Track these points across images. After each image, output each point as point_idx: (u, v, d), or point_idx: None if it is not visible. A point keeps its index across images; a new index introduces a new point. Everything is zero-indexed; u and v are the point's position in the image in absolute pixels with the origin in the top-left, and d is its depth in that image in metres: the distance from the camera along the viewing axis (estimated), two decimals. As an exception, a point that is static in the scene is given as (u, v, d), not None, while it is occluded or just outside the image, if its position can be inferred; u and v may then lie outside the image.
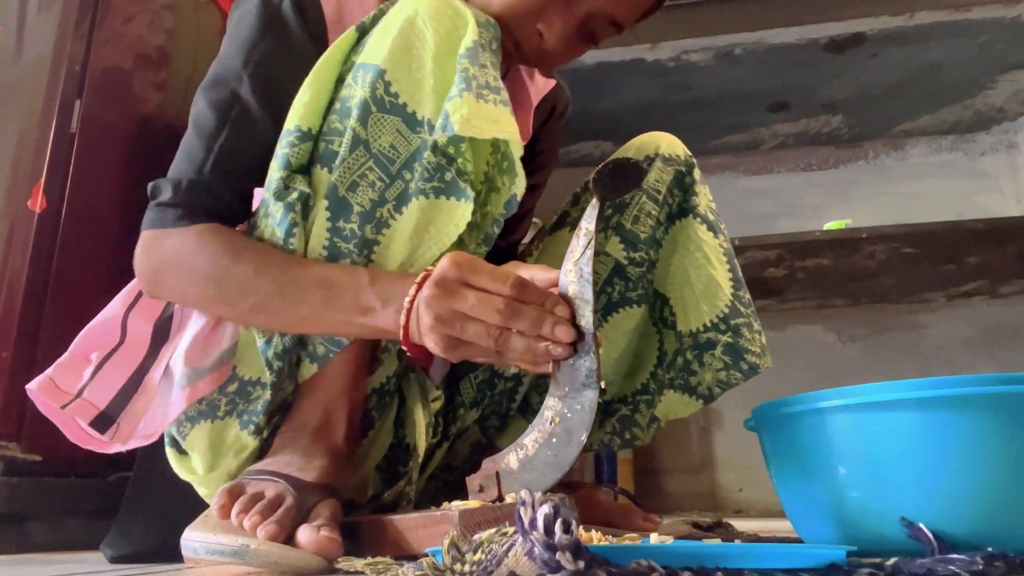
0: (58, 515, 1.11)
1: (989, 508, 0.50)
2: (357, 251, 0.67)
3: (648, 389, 0.91)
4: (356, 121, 0.66)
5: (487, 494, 0.62)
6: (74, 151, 1.18)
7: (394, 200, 0.67)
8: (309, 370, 0.71)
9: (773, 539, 0.75)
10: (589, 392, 0.58)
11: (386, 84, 0.65)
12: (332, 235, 0.67)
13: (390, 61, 0.65)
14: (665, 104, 1.70)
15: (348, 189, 0.67)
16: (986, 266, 1.56)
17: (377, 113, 0.65)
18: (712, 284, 0.85)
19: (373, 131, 0.66)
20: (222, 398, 0.72)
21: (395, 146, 0.66)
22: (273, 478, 0.63)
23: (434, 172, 0.65)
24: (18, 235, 1.11)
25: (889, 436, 0.53)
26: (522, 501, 0.39)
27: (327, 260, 0.68)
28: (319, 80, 0.68)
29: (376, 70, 0.65)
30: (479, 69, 0.63)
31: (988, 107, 1.77)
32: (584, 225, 0.62)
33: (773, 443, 0.65)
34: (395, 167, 0.66)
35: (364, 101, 0.65)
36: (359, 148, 0.66)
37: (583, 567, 0.36)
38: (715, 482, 1.84)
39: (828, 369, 1.81)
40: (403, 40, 0.65)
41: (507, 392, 0.92)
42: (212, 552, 0.56)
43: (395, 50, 0.65)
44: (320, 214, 0.67)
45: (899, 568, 0.45)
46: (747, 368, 0.85)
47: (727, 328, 0.84)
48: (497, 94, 0.64)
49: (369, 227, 0.67)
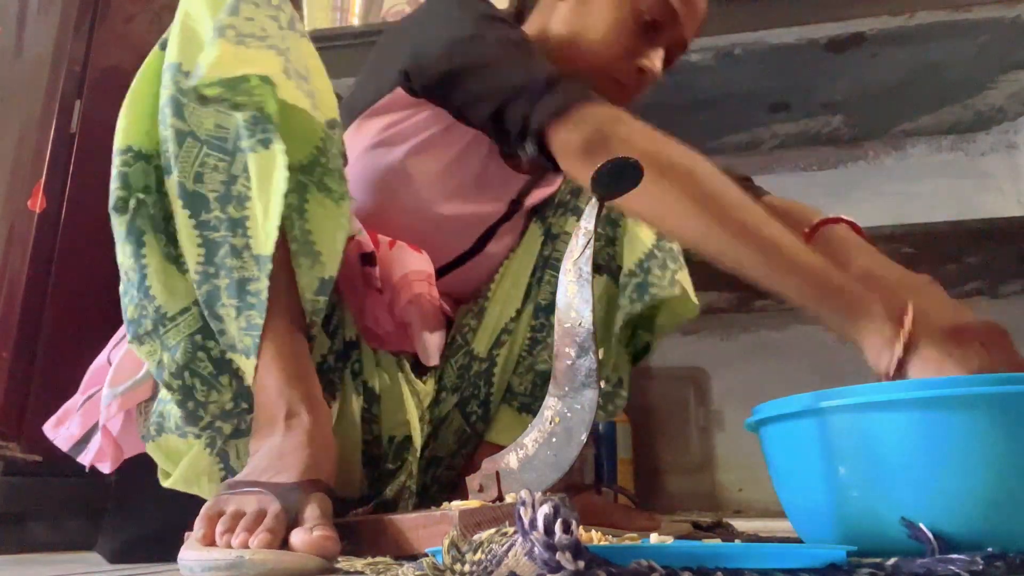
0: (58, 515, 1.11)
1: (989, 508, 0.50)
2: (231, 234, 0.68)
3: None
4: (173, 118, 0.67)
5: (487, 494, 0.62)
6: (74, 151, 1.18)
7: (242, 172, 0.67)
8: (248, 365, 0.69)
9: (773, 539, 0.75)
10: (589, 392, 0.58)
11: (185, 73, 0.66)
12: (200, 230, 0.68)
13: (180, 52, 0.67)
14: (665, 104, 1.69)
15: (195, 181, 0.68)
16: (986, 266, 1.56)
17: (187, 103, 0.67)
18: (635, 238, 0.93)
19: (193, 120, 0.67)
20: (150, 420, 0.76)
21: (220, 124, 0.67)
22: (251, 488, 0.61)
23: (252, 127, 0.66)
24: (18, 235, 1.11)
25: (889, 436, 0.53)
26: (522, 501, 0.39)
27: (204, 257, 0.68)
28: (131, 101, 0.71)
29: (172, 66, 0.67)
30: (239, 19, 0.64)
31: (988, 107, 1.77)
32: (583, 225, 0.62)
33: (773, 443, 0.65)
34: (229, 143, 0.67)
35: (172, 97, 0.67)
36: (187, 140, 0.67)
37: (583, 567, 0.36)
38: (715, 482, 1.84)
39: (828, 369, 1.80)
40: (183, 28, 0.68)
41: (483, 374, 0.94)
42: (208, 568, 0.55)
43: (180, 40, 0.68)
44: (180, 215, 0.68)
45: (899, 568, 0.45)
46: (648, 299, 0.90)
47: (641, 271, 0.92)
48: (263, 41, 0.65)
49: (231, 207, 0.68)
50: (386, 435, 0.82)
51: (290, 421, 0.67)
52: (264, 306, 0.67)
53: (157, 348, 0.70)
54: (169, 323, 0.70)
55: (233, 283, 0.68)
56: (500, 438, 0.96)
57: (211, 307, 0.69)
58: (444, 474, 0.96)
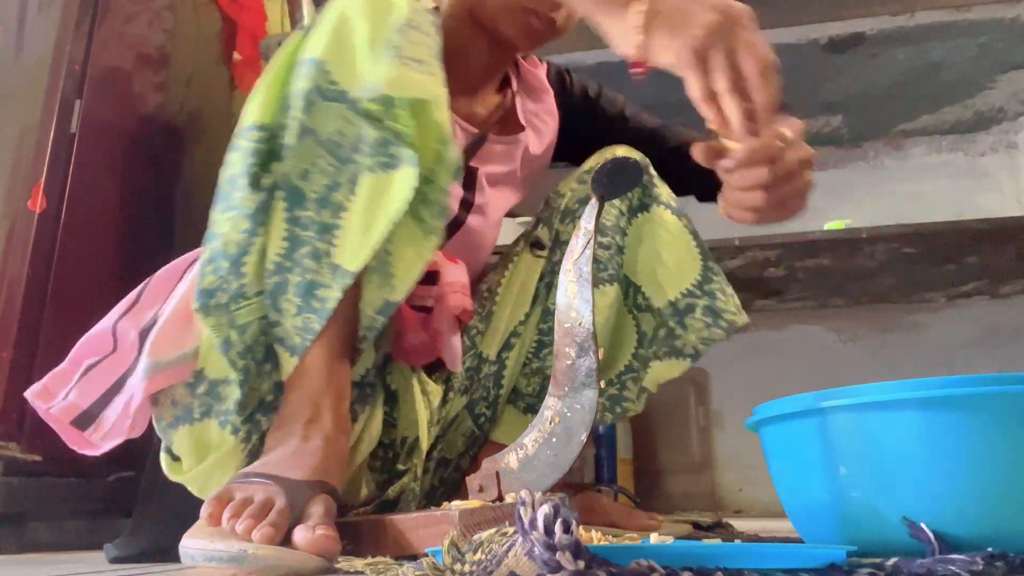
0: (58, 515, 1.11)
1: (990, 508, 0.50)
2: (318, 237, 0.68)
3: (632, 368, 0.98)
4: (301, 112, 0.67)
5: (487, 494, 0.62)
6: (74, 151, 1.18)
7: (348, 183, 0.68)
8: (289, 363, 0.71)
9: (773, 539, 0.75)
10: (589, 392, 0.58)
11: (325, 73, 0.67)
12: (290, 225, 0.68)
13: (326, 51, 0.67)
14: (665, 104, 1.69)
15: (300, 178, 0.68)
16: (986, 266, 1.56)
17: (320, 102, 0.67)
18: (683, 257, 0.95)
19: (318, 119, 0.67)
20: (194, 400, 0.73)
21: (341, 131, 0.67)
22: (262, 480, 0.63)
23: (379, 148, 0.66)
24: (18, 235, 1.11)
25: (890, 436, 0.53)
26: (522, 501, 0.39)
27: (286, 250, 0.69)
28: (269, 80, 0.70)
29: (315, 62, 0.67)
30: (408, 44, 0.66)
31: (988, 107, 1.77)
32: (583, 225, 0.62)
33: (774, 443, 0.65)
34: (344, 151, 0.67)
35: (306, 92, 0.67)
36: (307, 137, 0.68)
37: (583, 567, 0.36)
38: (715, 482, 1.84)
39: (828, 369, 1.81)
40: (337, 31, 0.68)
41: (492, 376, 0.95)
42: (210, 559, 0.56)
43: (330, 41, 0.68)
44: (278, 204, 0.69)
45: (899, 568, 0.45)
46: (726, 325, 0.94)
47: (703, 293, 0.94)
48: (428, 67, 0.67)
49: (327, 212, 0.68)
50: (400, 436, 0.83)
51: (311, 427, 0.68)
52: (327, 315, 0.68)
53: (224, 324, 0.70)
54: (243, 302, 0.70)
55: (304, 283, 0.68)
56: (504, 437, 0.97)
57: (275, 298, 0.70)
58: (452, 475, 0.97)
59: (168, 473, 0.75)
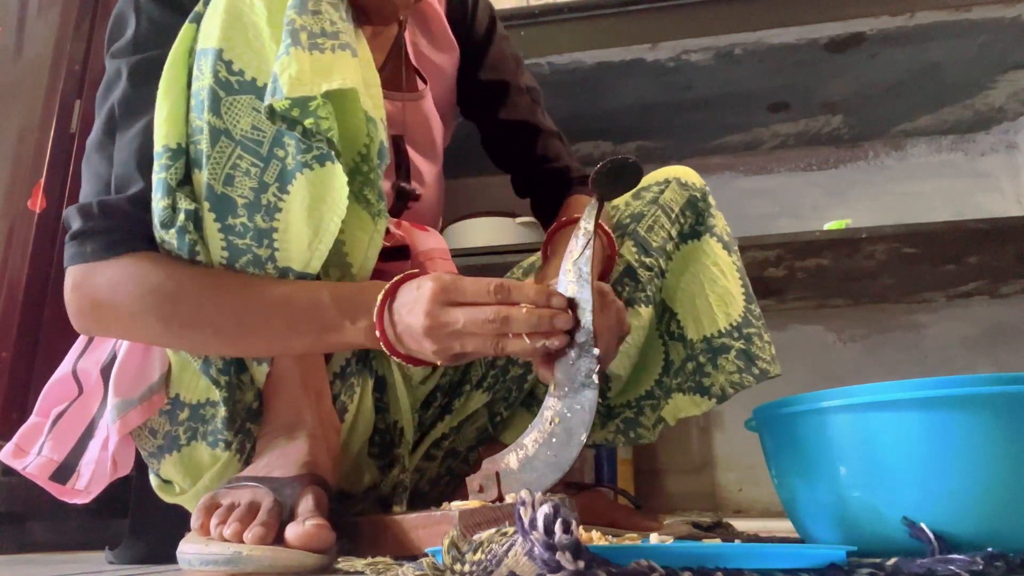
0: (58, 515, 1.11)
1: (990, 508, 0.50)
2: (256, 243, 0.64)
3: (653, 395, 0.93)
4: (209, 112, 0.62)
5: (487, 494, 0.62)
6: (74, 151, 1.18)
7: (276, 182, 0.63)
8: (260, 372, 0.70)
9: (773, 539, 0.75)
10: (589, 392, 0.58)
11: (227, 64, 0.62)
12: (225, 234, 0.64)
13: (224, 39, 0.62)
14: (665, 104, 1.69)
15: (224, 184, 0.63)
16: (986, 266, 1.56)
17: (227, 97, 0.62)
18: (727, 295, 0.89)
19: (229, 117, 0.62)
20: (178, 428, 0.72)
21: (256, 126, 0.62)
22: (248, 483, 0.63)
23: (303, 143, 0.62)
24: (18, 235, 1.11)
25: (890, 436, 0.53)
26: (522, 501, 0.39)
27: (228, 261, 0.65)
28: (169, 89, 0.64)
29: (213, 52, 0.62)
30: (310, 17, 0.60)
31: (988, 107, 1.77)
32: (583, 225, 0.62)
33: (774, 443, 0.65)
34: (264, 148, 0.62)
35: (210, 88, 0.62)
36: (221, 139, 0.62)
37: (583, 567, 0.36)
38: (715, 482, 1.84)
39: (828, 369, 1.81)
40: (232, 13, 0.62)
41: (517, 378, 0.92)
42: (206, 563, 0.56)
43: (226, 26, 0.61)
44: (207, 217, 0.64)
45: (899, 568, 0.45)
46: (758, 373, 0.87)
47: (740, 336, 0.88)
48: (335, 39, 0.60)
49: (259, 216, 0.64)
50: (392, 420, 0.82)
51: (295, 428, 0.68)
52: None
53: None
54: None
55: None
56: (511, 440, 0.95)
57: None
58: (460, 467, 0.96)
59: (161, 496, 0.75)
